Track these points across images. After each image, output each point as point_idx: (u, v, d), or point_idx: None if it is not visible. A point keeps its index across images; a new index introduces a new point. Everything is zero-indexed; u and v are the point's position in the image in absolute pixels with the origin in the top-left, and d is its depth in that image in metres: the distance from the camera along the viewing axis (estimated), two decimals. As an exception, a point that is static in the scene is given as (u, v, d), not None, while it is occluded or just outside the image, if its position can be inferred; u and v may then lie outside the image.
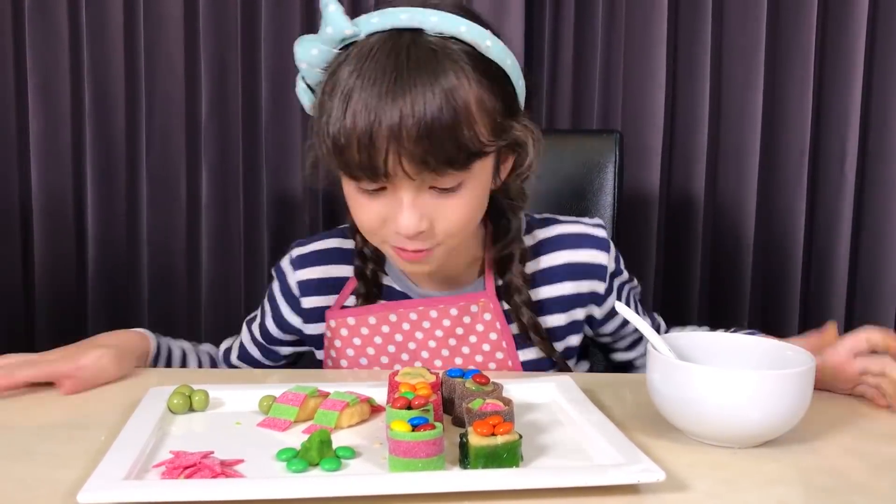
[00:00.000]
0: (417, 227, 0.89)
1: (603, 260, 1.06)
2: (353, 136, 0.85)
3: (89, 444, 0.75)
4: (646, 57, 1.89)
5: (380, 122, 0.84)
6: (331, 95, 0.88)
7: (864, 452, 0.78)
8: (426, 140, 0.83)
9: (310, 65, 0.93)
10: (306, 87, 0.96)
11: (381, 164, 0.85)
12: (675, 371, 0.77)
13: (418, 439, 0.66)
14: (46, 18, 1.80)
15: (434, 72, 0.85)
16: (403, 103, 0.83)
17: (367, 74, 0.85)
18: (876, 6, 1.92)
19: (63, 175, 1.85)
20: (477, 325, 1.03)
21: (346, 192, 0.94)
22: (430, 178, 0.87)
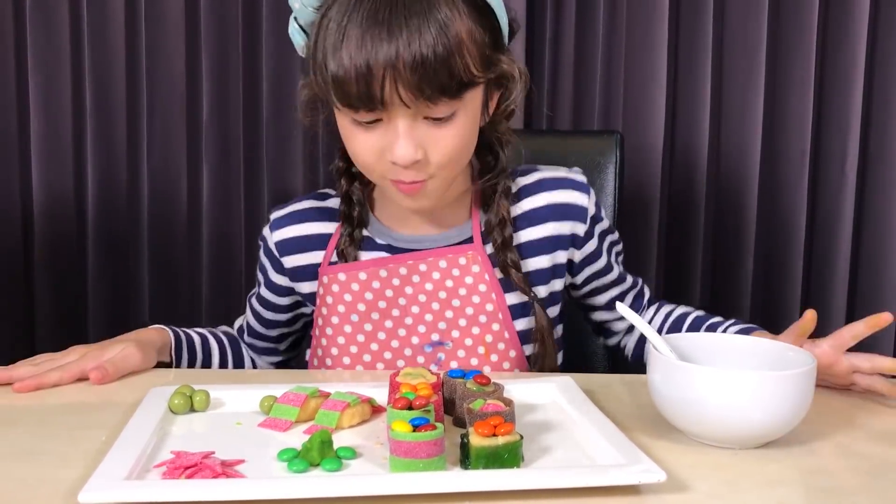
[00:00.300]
0: (413, 155, 0.91)
1: (583, 202, 1.09)
2: (350, 67, 0.88)
3: (90, 444, 0.75)
4: (647, 57, 1.89)
5: (376, 52, 0.87)
6: (326, 31, 0.91)
7: (866, 454, 0.77)
8: (421, 68, 0.87)
9: (303, 4, 0.95)
10: (299, 27, 0.98)
11: (378, 93, 0.88)
12: (675, 372, 0.77)
13: (419, 440, 0.66)
14: (47, 19, 1.81)
15: (428, 3, 0.89)
16: (399, 34, 0.87)
17: (363, 8, 0.89)
18: (877, 7, 1.92)
19: (64, 176, 1.85)
20: (466, 278, 1.05)
21: (341, 128, 0.97)
22: (424, 107, 0.90)
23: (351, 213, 1.08)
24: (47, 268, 1.86)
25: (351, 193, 1.09)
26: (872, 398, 0.93)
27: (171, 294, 1.90)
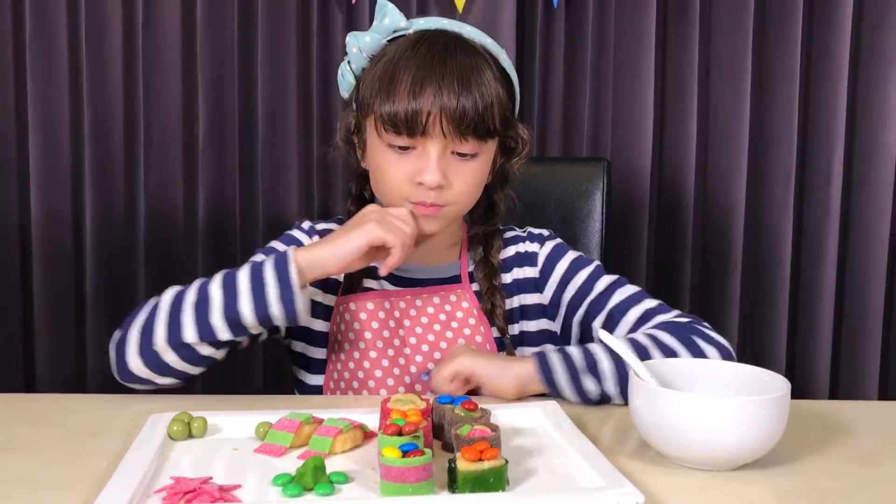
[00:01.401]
0: (440, 180, 1.05)
1: (536, 249, 1.21)
2: (403, 97, 1.03)
3: (92, 471, 0.77)
4: (634, 85, 1.93)
5: (429, 88, 1.03)
6: (382, 68, 1.07)
7: (841, 474, 0.81)
8: (463, 112, 1.03)
9: (360, 49, 1.11)
10: (350, 70, 1.13)
11: (423, 123, 1.03)
12: (656, 398, 0.81)
13: (408, 465, 0.69)
14: (46, 44, 1.84)
15: (472, 59, 1.07)
16: (447, 72, 1.04)
17: (418, 51, 1.06)
18: (859, 31, 1.96)
19: (62, 196, 1.88)
20: (457, 313, 1.16)
21: (374, 154, 1.10)
22: (456, 142, 1.05)
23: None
24: (45, 288, 1.88)
25: None
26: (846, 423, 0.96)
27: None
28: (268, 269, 0.99)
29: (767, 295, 2.03)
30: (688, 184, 1.98)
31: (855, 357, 2.05)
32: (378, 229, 1.00)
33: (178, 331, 0.98)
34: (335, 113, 1.91)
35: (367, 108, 1.08)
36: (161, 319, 1.00)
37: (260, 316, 0.98)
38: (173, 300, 1.02)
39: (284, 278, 0.98)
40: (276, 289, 0.97)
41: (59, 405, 0.99)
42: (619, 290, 1.15)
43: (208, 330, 0.98)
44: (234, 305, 0.98)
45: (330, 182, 1.93)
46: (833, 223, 2.00)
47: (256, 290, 0.98)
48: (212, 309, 0.98)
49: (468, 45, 1.09)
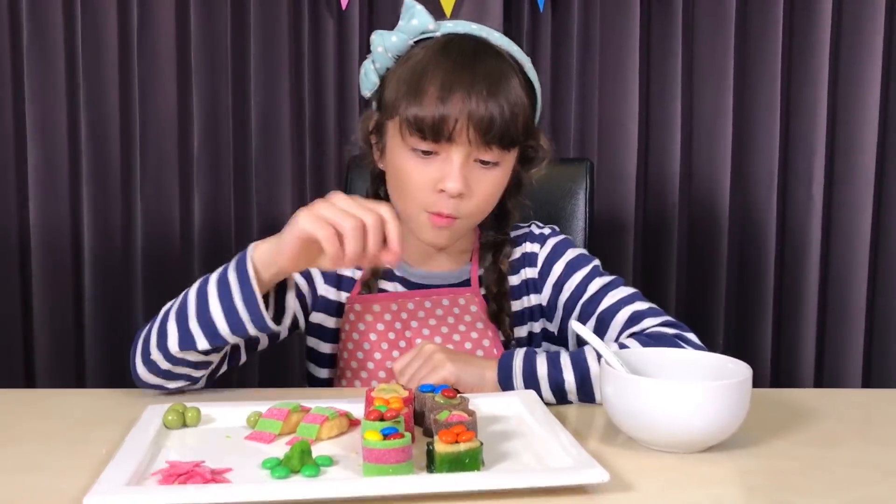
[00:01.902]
0: (461, 188, 1.05)
1: (536, 249, 1.22)
2: (431, 102, 1.03)
3: (92, 458, 0.82)
4: (619, 88, 1.97)
5: (457, 94, 1.02)
6: (410, 71, 1.06)
7: (799, 455, 0.85)
8: (492, 110, 1.03)
9: (385, 49, 1.09)
10: (373, 69, 1.12)
11: (450, 129, 1.03)
12: (625, 384, 0.85)
13: (389, 447, 0.73)
14: (43, 55, 1.87)
15: (500, 66, 1.07)
16: (476, 78, 1.03)
17: (448, 55, 1.06)
18: (839, 33, 2.00)
19: (60, 207, 1.91)
20: (465, 316, 1.17)
21: (396, 158, 1.09)
22: (480, 150, 1.05)
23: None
24: (44, 291, 1.92)
25: None
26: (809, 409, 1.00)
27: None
28: (230, 268, 0.97)
29: (752, 291, 2.08)
30: (673, 183, 2.02)
31: (839, 350, 2.09)
32: (306, 222, 0.91)
33: (164, 340, 0.98)
34: (328, 118, 1.95)
35: (392, 109, 1.07)
36: (155, 328, 1.00)
37: (230, 321, 0.96)
38: (168, 308, 1.02)
39: (244, 277, 0.95)
40: (239, 291, 0.95)
41: (60, 399, 1.03)
42: (612, 292, 1.15)
43: (189, 338, 0.97)
44: (207, 310, 0.96)
45: (323, 186, 1.98)
46: (815, 220, 2.05)
47: (223, 290, 0.96)
48: (189, 315, 0.97)
49: (496, 52, 1.09)
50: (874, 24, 1.99)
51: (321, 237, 0.90)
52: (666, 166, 2.03)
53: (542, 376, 1.00)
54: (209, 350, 0.99)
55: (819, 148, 2.03)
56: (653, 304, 1.13)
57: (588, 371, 0.99)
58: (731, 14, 1.97)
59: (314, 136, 1.96)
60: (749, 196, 2.06)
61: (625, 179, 1.99)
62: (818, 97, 2.02)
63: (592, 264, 1.20)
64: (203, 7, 1.89)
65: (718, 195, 2.03)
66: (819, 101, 2.02)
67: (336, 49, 1.94)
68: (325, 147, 1.97)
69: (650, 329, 1.08)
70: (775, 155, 2.03)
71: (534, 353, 1.03)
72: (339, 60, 1.94)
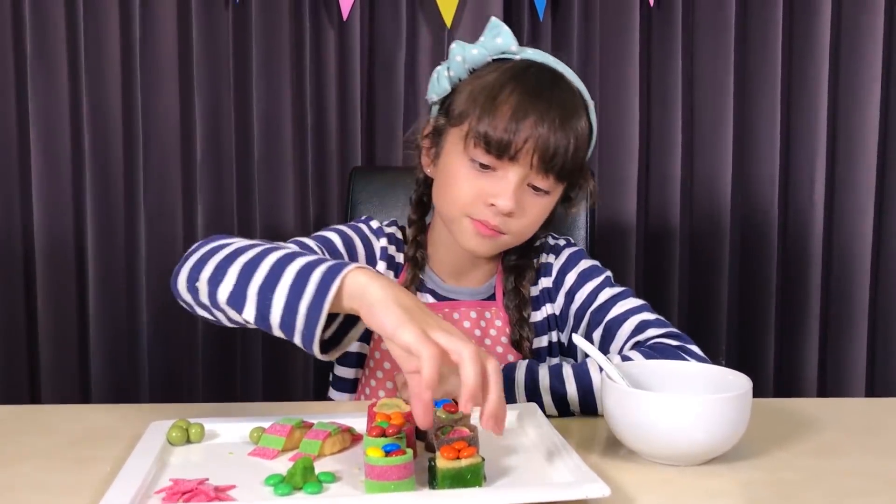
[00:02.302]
0: (513, 206, 1.06)
1: (551, 260, 1.24)
2: (504, 116, 1.05)
3: (96, 475, 0.82)
4: (621, 95, 1.98)
5: (529, 118, 1.05)
6: (490, 86, 1.07)
7: (800, 466, 0.85)
8: (559, 140, 1.05)
9: (464, 60, 1.11)
10: (447, 76, 1.13)
11: (517, 148, 1.05)
12: (626, 398, 0.85)
13: (390, 463, 0.74)
14: (47, 65, 1.89)
15: (574, 103, 1.09)
16: (551, 107, 1.06)
17: (527, 78, 1.08)
18: (838, 39, 2.01)
19: (64, 217, 1.93)
20: (490, 330, 1.19)
21: (451, 166, 1.10)
22: (537, 175, 1.07)
23: (416, 256, 1.20)
24: (48, 302, 1.93)
25: (420, 241, 1.21)
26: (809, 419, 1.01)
27: (169, 329, 1.97)
28: (320, 268, 0.84)
29: (755, 297, 2.08)
30: (674, 190, 2.02)
31: (842, 357, 2.10)
32: (416, 336, 0.75)
33: (217, 281, 0.88)
34: (329, 127, 1.96)
35: (460, 118, 1.09)
36: (215, 259, 0.91)
37: (284, 318, 0.83)
38: (239, 246, 0.92)
39: (323, 290, 0.81)
40: (310, 298, 0.81)
41: (64, 415, 1.03)
42: (621, 302, 1.16)
43: (240, 300, 0.86)
44: (272, 288, 0.84)
45: (325, 195, 1.98)
46: (817, 226, 2.05)
47: (298, 282, 0.83)
48: (254, 278, 0.86)
49: (570, 87, 1.11)
50: (874, 28, 2.00)
51: (424, 359, 0.74)
52: (667, 173, 2.03)
53: (544, 388, 1.00)
54: (252, 324, 0.88)
55: (820, 153, 2.03)
56: (659, 316, 1.14)
57: (591, 383, 1.00)
58: (730, 20, 1.98)
59: (316, 145, 1.97)
60: (751, 202, 2.07)
61: (626, 186, 2.00)
62: (818, 103, 2.02)
63: (604, 275, 1.21)
64: (205, 16, 1.91)
65: (720, 202, 2.04)
66: (819, 107, 2.02)
67: (337, 58, 1.94)
68: (327, 156, 1.98)
69: (654, 340, 1.09)
70: (776, 160, 2.03)
71: (536, 365, 1.04)
72: (341, 70, 1.95)
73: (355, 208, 1.53)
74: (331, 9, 1.94)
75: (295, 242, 1.09)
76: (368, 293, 0.79)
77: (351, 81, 1.96)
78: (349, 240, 1.18)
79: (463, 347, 0.75)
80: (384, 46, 1.97)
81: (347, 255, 1.16)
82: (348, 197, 1.54)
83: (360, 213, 1.53)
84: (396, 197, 1.54)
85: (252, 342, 1.98)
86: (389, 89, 1.98)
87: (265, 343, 1.97)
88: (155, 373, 1.97)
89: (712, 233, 2.05)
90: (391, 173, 1.60)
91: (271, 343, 1.95)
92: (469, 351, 0.75)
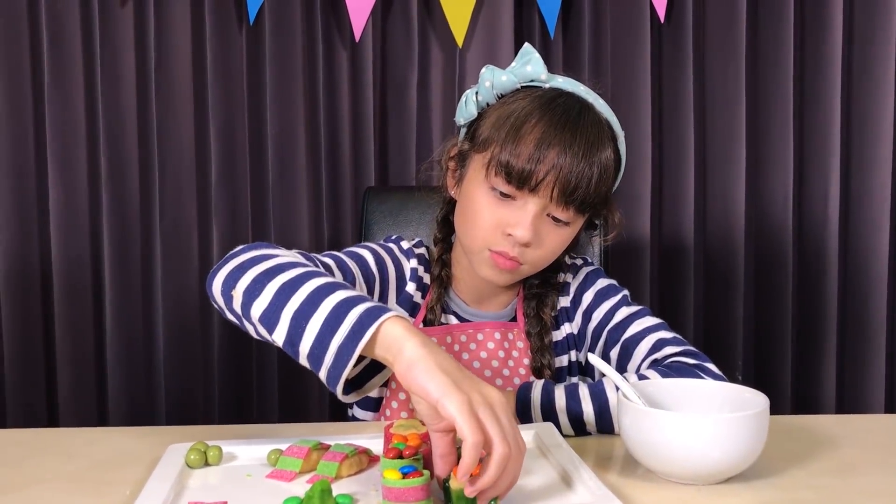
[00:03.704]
0: (530, 237, 1.06)
1: (569, 280, 1.24)
2: (527, 147, 1.04)
3: (116, 498, 0.83)
4: (632, 111, 1.98)
5: (552, 150, 1.04)
6: (515, 115, 1.07)
7: (818, 486, 0.85)
8: (576, 183, 1.04)
9: (493, 85, 1.11)
10: (474, 101, 1.13)
11: (537, 179, 1.04)
12: (643, 417, 0.85)
13: (408, 486, 0.74)
14: (64, 92, 1.91)
15: (599, 135, 1.08)
16: (576, 140, 1.05)
17: (553, 109, 1.07)
18: (850, 53, 2.01)
19: (81, 240, 1.94)
20: (513, 352, 1.19)
21: (472, 193, 1.10)
22: (557, 207, 1.07)
23: (442, 275, 1.20)
24: (67, 333, 1.94)
25: (445, 260, 1.21)
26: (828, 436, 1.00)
27: (185, 351, 1.98)
28: (357, 308, 0.82)
29: (771, 312, 2.07)
30: (688, 206, 2.02)
31: (860, 373, 2.08)
32: (462, 407, 0.73)
33: (253, 296, 0.88)
34: (343, 148, 1.97)
35: (484, 145, 1.09)
36: (254, 272, 0.90)
37: (313, 351, 0.82)
38: (280, 262, 0.91)
39: (356, 335, 0.80)
40: (342, 338, 0.80)
41: (83, 438, 1.04)
42: (639, 321, 1.16)
43: (273, 321, 0.86)
44: (306, 319, 0.83)
45: (339, 216, 1.99)
46: (833, 240, 2.04)
47: (333, 318, 0.82)
48: (289, 302, 0.85)
49: (598, 119, 1.09)
50: (887, 41, 2.00)
51: (468, 436, 0.71)
52: (681, 189, 2.03)
53: (560, 408, 1.00)
54: (279, 346, 0.87)
55: (834, 167, 2.03)
56: (677, 335, 1.14)
57: (607, 402, 1.00)
58: (741, 35, 1.98)
59: (329, 166, 1.98)
60: (765, 217, 2.06)
61: (640, 203, 2.00)
62: (831, 117, 2.02)
63: (622, 294, 1.22)
64: (219, 38, 1.92)
65: (734, 217, 2.03)
66: (833, 121, 2.02)
67: (350, 79, 1.96)
68: (340, 176, 1.99)
69: (671, 359, 1.09)
70: (790, 175, 2.03)
71: (551, 384, 1.04)
72: (353, 90, 1.97)
73: (369, 228, 1.54)
74: (343, 30, 1.95)
75: (330, 256, 1.10)
76: (406, 350, 0.77)
77: (363, 102, 1.97)
78: (381, 260, 1.18)
79: (500, 444, 0.73)
80: (396, 67, 1.99)
81: (379, 274, 1.16)
82: (362, 217, 1.55)
83: (373, 232, 1.53)
84: (409, 216, 1.55)
85: (267, 363, 1.98)
86: (402, 109, 1.99)
87: (280, 363, 1.97)
88: (171, 394, 1.98)
89: (727, 248, 2.04)
90: (404, 193, 1.60)
91: (287, 364, 1.96)
92: (503, 453, 0.72)
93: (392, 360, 0.79)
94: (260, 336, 0.90)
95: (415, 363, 0.76)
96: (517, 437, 0.76)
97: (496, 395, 0.77)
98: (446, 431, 0.76)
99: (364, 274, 1.14)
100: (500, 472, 0.73)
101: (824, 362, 2.06)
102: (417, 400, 0.77)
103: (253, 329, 0.90)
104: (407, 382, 0.77)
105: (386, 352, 0.79)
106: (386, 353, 0.79)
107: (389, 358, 0.79)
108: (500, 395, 0.77)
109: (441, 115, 1.99)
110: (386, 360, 0.80)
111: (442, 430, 0.76)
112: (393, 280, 1.18)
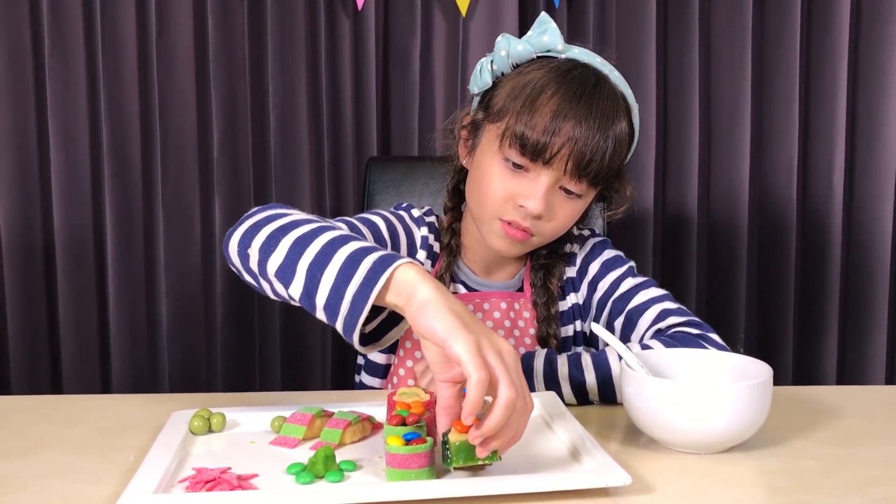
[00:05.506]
0: (542, 209, 1.06)
1: (575, 250, 1.24)
2: (542, 119, 1.03)
3: (121, 464, 0.83)
4: (637, 84, 1.96)
5: (567, 123, 1.03)
6: (531, 86, 1.06)
7: (821, 454, 0.85)
8: (590, 156, 1.04)
9: (508, 54, 1.10)
10: (490, 70, 1.12)
11: (551, 152, 1.04)
12: (646, 386, 0.85)
13: (411, 452, 0.74)
14: (64, 61, 1.90)
15: (615, 107, 1.07)
16: (591, 113, 1.04)
17: (569, 82, 1.06)
18: (857, 24, 2.00)
19: (83, 210, 1.94)
20: (519, 321, 1.20)
21: (485, 164, 1.10)
22: (569, 179, 1.06)
23: (452, 244, 1.20)
24: (70, 303, 1.94)
25: (455, 229, 1.21)
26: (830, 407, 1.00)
27: (188, 320, 1.98)
28: (371, 256, 0.81)
29: (773, 285, 2.07)
30: (692, 178, 2.02)
31: (861, 346, 2.09)
32: (470, 351, 0.72)
33: (269, 251, 0.88)
34: (345, 119, 1.96)
35: (499, 115, 1.08)
36: (269, 229, 0.89)
37: (329, 301, 0.81)
38: (295, 219, 0.91)
39: (371, 282, 0.79)
40: (357, 286, 0.79)
41: (88, 405, 1.04)
42: (644, 291, 1.16)
43: (289, 275, 0.85)
44: (321, 269, 0.83)
45: (341, 187, 1.99)
46: (837, 212, 2.04)
47: (348, 266, 0.81)
48: (304, 254, 0.85)
49: (613, 91, 1.08)
50: (893, 15, 1.98)
51: (472, 374, 0.71)
52: (685, 162, 2.02)
53: (563, 377, 1.01)
54: (297, 302, 0.87)
55: (839, 139, 2.02)
56: (681, 305, 1.14)
57: (610, 372, 1.00)
58: (748, 6, 1.97)
59: (332, 136, 1.97)
60: (769, 189, 2.06)
61: (644, 176, 1.99)
62: (837, 88, 2.01)
63: (628, 265, 1.22)
64: (220, 10, 1.91)
65: (738, 190, 2.03)
66: (838, 92, 2.01)
67: (352, 48, 1.94)
68: (343, 146, 1.98)
69: (674, 329, 1.09)
70: (795, 147, 2.02)
71: (554, 353, 1.04)
72: (356, 60, 1.95)
73: (371, 198, 1.54)
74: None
75: (343, 221, 1.09)
76: (418, 292, 0.77)
77: (366, 71, 1.96)
78: (393, 227, 1.17)
79: (506, 387, 0.72)
80: (399, 36, 1.97)
81: (391, 241, 1.16)
82: (365, 187, 1.55)
83: (376, 203, 1.53)
84: (412, 186, 1.54)
85: (270, 331, 1.99)
86: (404, 79, 1.98)
87: (283, 332, 1.98)
88: (174, 362, 1.98)
89: (730, 221, 2.04)
90: (407, 163, 1.60)
91: (289, 332, 1.96)
92: (509, 396, 0.72)
93: (404, 304, 0.78)
94: (277, 295, 0.89)
95: (425, 304, 0.75)
96: (525, 390, 0.75)
97: (506, 345, 0.76)
98: (453, 382, 0.75)
99: (376, 239, 1.13)
100: (506, 417, 0.72)
101: (826, 335, 2.07)
102: (426, 345, 0.76)
103: (269, 287, 0.89)
104: (416, 325, 0.76)
105: (398, 297, 0.78)
106: (398, 298, 0.78)
107: (401, 303, 0.78)
108: (510, 346, 0.77)
109: (444, 84, 1.98)
110: (398, 307, 0.79)
111: (448, 380, 0.75)
112: (404, 247, 1.18)
